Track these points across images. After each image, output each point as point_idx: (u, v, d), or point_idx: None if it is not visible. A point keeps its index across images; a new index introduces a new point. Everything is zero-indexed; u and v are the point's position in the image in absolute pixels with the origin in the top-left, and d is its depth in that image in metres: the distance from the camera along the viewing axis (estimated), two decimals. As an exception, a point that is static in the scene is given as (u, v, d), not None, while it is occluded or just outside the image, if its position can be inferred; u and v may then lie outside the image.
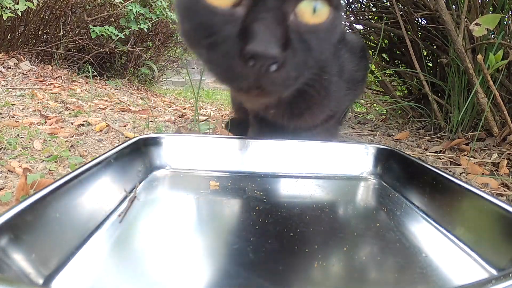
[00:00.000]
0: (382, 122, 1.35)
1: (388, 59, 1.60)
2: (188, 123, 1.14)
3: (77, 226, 0.38)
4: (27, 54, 2.08)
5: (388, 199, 0.53)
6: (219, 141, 0.63)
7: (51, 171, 0.64)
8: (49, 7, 2.13)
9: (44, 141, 0.80)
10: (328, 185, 0.58)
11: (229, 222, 0.45)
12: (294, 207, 0.48)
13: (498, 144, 0.90)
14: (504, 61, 0.70)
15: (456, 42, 0.85)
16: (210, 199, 0.50)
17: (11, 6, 1.60)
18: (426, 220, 0.47)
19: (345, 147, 0.64)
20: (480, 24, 0.65)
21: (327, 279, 0.34)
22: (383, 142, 0.99)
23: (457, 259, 0.38)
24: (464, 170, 0.76)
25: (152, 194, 0.50)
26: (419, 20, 1.25)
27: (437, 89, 1.19)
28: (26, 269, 0.30)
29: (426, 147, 0.96)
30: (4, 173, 0.62)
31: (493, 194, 0.65)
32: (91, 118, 1.07)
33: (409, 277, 0.34)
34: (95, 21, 2.18)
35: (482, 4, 1.02)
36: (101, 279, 0.32)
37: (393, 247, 0.40)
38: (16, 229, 0.31)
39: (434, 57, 1.32)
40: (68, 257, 0.34)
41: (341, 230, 0.43)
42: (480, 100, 0.85)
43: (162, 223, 0.43)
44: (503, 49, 0.75)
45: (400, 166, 0.58)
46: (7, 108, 1.13)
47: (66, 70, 2.17)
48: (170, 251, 0.37)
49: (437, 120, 1.08)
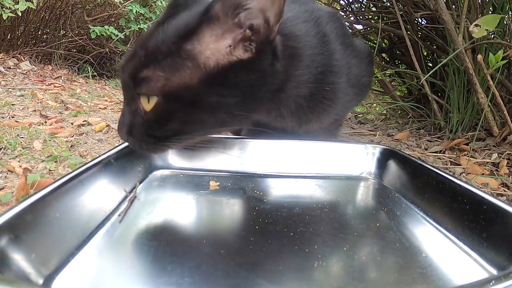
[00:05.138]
0: (382, 122, 1.35)
1: (388, 59, 1.60)
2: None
3: (77, 226, 0.38)
4: (27, 54, 2.08)
5: (388, 199, 0.53)
6: (219, 141, 0.63)
7: (51, 171, 0.64)
8: (49, 7, 2.13)
9: (44, 141, 0.80)
10: (328, 185, 0.58)
11: (229, 222, 0.45)
12: (294, 207, 0.48)
13: (498, 144, 0.90)
14: (504, 61, 0.70)
15: (456, 42, 0.85)
16: (210, 199, 0.50)
17: (11, 6, 1.60)
18: (426, 220, 0.46)
19: (345, 147, 0.64)
20: (479, 25, 0.65)
21: (327, 279, 0.34)
22: (383, 142, 0.99)
23: (457, 259, 0.38)
24: (464, 170, 0.76)
25: (152, 194, 0.50)
26: (419, 20, 1.25)
27: (437, 89, 1.19)
28: (26, 269, 0.30)
29: (426, 147, 0.96)
30: (4, 173, 0.62)
31: (493, 194, 0.65)
32: (91, 118, 1.07)
33: (409, 277, 0.34)
34: (95, 21, 2.18)
35: (482, 4, 1.03)
36: (101, 279, 0.32)
37: (393, 247, 0.40)
38: (16, 229, 0.31)
39: (434, 57, 1.32)
40: (68, 257, 0.34)
41: (341, 230, 0.43)
42: (480, 100, 0.85)
43: (162, 223, 0.43)
44: (503, 49, 0.75)
45: (400, 166, 0.58)
46: (7, 108, 1.13)
47: (66, 70, 2.17)
48: (170, 251, 0.36)
49: (437, 120, 1.08)
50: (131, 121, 0.45)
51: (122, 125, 0.46)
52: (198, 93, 0.42)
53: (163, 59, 0.41)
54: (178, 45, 0.41)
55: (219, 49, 0.41)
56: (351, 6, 1.52)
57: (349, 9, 1.53)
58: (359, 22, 1.47)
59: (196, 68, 0.41)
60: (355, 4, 1.52)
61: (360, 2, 1.52)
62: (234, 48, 0.42)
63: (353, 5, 1.52)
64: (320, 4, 1.67)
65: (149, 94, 0.42)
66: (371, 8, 1.50)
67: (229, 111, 0.44)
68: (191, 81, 0.41)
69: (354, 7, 1.51)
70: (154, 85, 0.41)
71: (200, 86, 0.41)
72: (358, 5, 1.52)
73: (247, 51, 0.42)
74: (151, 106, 0.42)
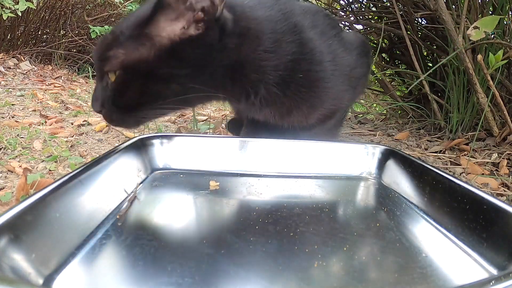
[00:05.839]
0: (382, 122, 1.35)
1: (388, 59, 1.60)
2: (188, 123, 1.14)
3: (77, 226, 0.38)
4: (27, 54, 2.08)
5: (388, 199, 0.53)
6: (219, 141, 0.63)
7: (51, 171, 0.64)
8: (49, 7, 2.13)
9: (44, 141, 0.80)
10: (328, 185, 0.58)
11: (229, 222, 0.45)
12: (294, 207, 0.48)
13: (498, 144, 0.90)
14: (504, 61, 0.70)
15: (456, 42, 0.85)
16: (210, 199, 0.50)
17: (11, 6, 1.60)
18: (426, 220, 0.46)
19: (345, 147, 0.64)
20: (478, 27, 0.65)
21: (327, 279, 0.34)
22: (383, 142, 0.99)
23: (457, 259, 0.38)
24: (464, 170, 0.76)
25: (152, 194, 0.50)
26: (419, 20, 1.25)
27: (437, 89, 1.19)
28: (26, 269, 0.29)
29: (426, 147, 0.96)
30: (4, 173, 0.62)
31: (493, 194, 0.65)
32: (91, 118, 1.07)
33: (409, 277, 0.34)
34: (95, 21, 2.18)
35: (482, 4, 1.03)
36: (101, 279, 0.32)
37: (393, 247, 0.40)
38: (16, 229, 0.31)
39: (434, 57, 1.32)
40: (68, 257, 0.34)
41: (341, 230, 0.43)
42: (480, 100, 0.85)
43: (162, 223, 0.43)
44: (503, 49, 0.75)
45: (400, 166, 0.58)
46: (7, 108, 1.13)
47: (66, 70, 2.17)
48: (170, 251, 0.36)
49: (437, 120, 1.08)
50: (102, 95, 0.51)
51: (96, 99, 0.52)
52: (152, 66, 0.48)
53: (125, 41, 0.48)
54: (138, 30, 0.48)
55: (173, 31, 0.47)
56: (351, 6, 1.52)
57: (349, 9, 1.53)
58: (359, 22, 1.47)
59: (152, 46, 0.47)
60: (355, 4, 1.52)
61: (360, 2, 1.52)
62: (187, 29, 0.47)
63: (353, 5, 1.52)
64: (320, 4, 1.67)
65: (112, 70, 0.48)
66: (371, 8, 1.50)
67: (181, 82, 0.49)
68: (147, 57, 0.47)
69: (354, 7, 1.51)
70: (115, 62, 0.47)
71: (155, 60, 0.47)
72: (358, 5, 1.52)
73: (198, 30, 0.47)
74: (113, 78, 0.49)
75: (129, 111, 0.51)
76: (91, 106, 0.53)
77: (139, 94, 0.49)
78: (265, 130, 0.68)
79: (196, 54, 0.48)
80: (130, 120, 0.53)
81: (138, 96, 0.50)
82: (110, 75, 0.49)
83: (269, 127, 0.68)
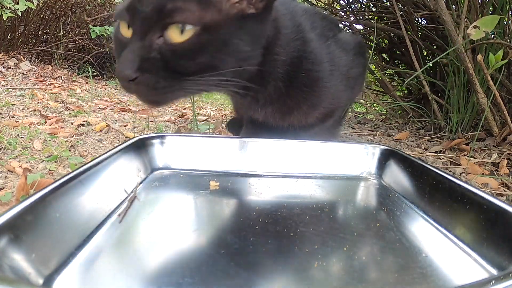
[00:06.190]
0: (382, 122, 1.35)
1: (388, 59, 1.60)
2: (188, 123, 1.14)
3: (77, 226, 0.38)
4: (27, 54, 2.08)
5: (388, 199, 0.53)
6: (219, 141, 0.63)
7: (51, 171, 0.64)
8: (49, 7, 2.14)
9: (44, 141, 0.80)
10: (328, 185, 0.58)
11: (229, 222, 0.45)
12: (294, 207, 0.48)
13: (498, 144, 0.90)
14: (504, 61, 0.70)
15: (456, 42, 0.85)
16: (210, 199, 0.50)
17: (11, 6, 1.60)
18: (426, 220, 0.46)
19: (345, 147, 0.64)
20: (478, 26, 0.65)
21: (327, 279, 0.34)
22: (383, 142, 0.99)
23: (457, 259, 0.38)
24: (464, 170, 0.76)
25: (152, 194, 0.50)
26: (419, 20, 1.25)
27: (437, 89, 1.19)
28: (26, 269, 0.30)
29: (426, 147, 0.96)
30: (4, 173, 0.62)
31: (493, 194, 0.65)
32: (91, 118, 1.07)
33: (409, 277, 0.34)
34: (95, 21, 2.18)
35: (482, 4, 1.03)
36: (101, 279, 0.32)
37: (393, 247, 0.40)
38: (16, 229, 0.31)
39: (434, 57, 1.32)
40: (68, 257, 0.34)
41: (341, 230, 0.43)
42: (480, 100, 0.85)
43: (162, 223, 0.43)
44: (503, 49, 0.75)
45: (400, 166, 0.58)
46: (7, 108, 1.14)
47: (66, 70, 2.17)
48: (170, 251, 0.37)
49: (437, 120, 1.08)
50: (143, 56, 0.41)
51: (131, 61, 0.40)
52: (227, 32, 0.44)
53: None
54: None
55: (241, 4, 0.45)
56: (351, 6, 1.52)
57: (349, 9, 1.53)
58: (359, 22, 1.47)
59: (220, 11, 0.43)
60: (355, 4, 1.52)
61: (360, 2, 1.52)
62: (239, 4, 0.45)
63: (353, 5, 1.52)
64: (320, 4, 1.67)
65: (186, 22, 0.41)
66: (371, 8, 1.50)
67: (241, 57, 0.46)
68: (220, 20, 0.43)
69: (354, 7, 1.51)
70: (191, 15, 0.41)
71: (226, 25, 0.44)
72: (358, 5, 1.52)
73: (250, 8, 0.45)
74: (185, 37, 0.41)
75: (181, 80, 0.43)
76: (119, 71, 0.41)
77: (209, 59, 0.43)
78: (265, 130, 0.68)
79: (256, 30, 0.47)
80: (175, 91, 0.44)
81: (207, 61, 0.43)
82: (174, 30, 0.41)
83: (269, 127, 0.68)
